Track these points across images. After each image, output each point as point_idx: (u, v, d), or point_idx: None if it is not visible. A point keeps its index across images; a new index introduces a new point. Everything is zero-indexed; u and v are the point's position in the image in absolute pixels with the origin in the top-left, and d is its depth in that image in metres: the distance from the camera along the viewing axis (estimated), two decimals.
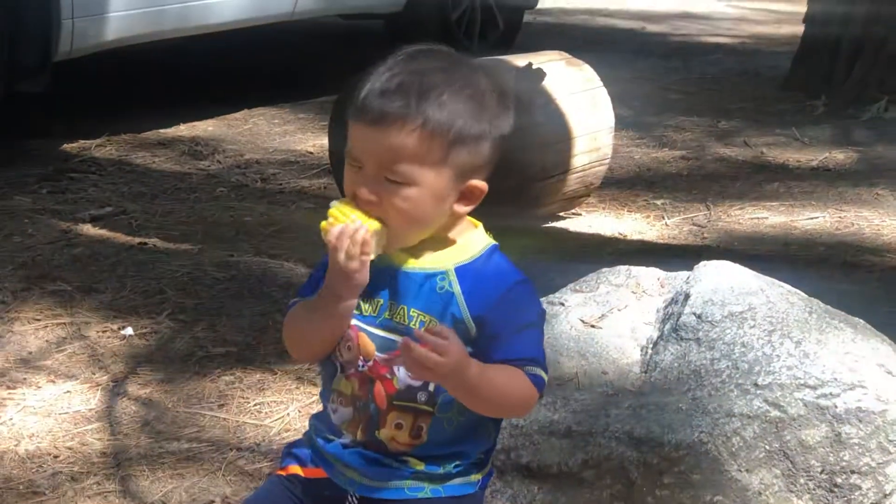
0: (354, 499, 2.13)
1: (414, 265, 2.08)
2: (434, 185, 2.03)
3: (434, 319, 2.06)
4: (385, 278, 2.08)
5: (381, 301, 2.09)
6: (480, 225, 2.15)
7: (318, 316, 2.08)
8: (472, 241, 2.12)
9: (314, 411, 2.25)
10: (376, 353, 2.08)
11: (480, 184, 2.07)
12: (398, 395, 2.08)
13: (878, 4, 6.48)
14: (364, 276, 2.02)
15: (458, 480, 2.15)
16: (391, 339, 2.07)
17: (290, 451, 2.25)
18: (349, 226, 1.99)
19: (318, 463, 2.16)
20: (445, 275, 2.08)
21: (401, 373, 2.09)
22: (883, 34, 6.50)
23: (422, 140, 2.01)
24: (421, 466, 2.13)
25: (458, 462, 2.14)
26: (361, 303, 2.08)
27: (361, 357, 2.08)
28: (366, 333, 2.07)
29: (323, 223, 2.01)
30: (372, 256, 2.00)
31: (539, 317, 2.15)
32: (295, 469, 2.19)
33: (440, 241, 2.10)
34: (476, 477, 2.16)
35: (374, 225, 2.00)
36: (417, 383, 2.09)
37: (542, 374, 2.09)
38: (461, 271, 2.08)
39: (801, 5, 7.36)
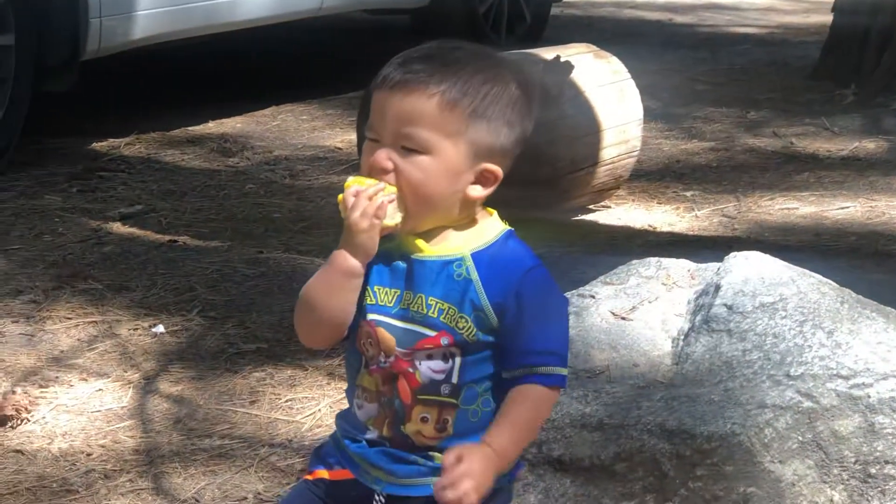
0: (381, 497, 2.13)
1: (430, 252, 2.07)
2: (450, 157, 2.03)
3: (453, 308, 2.04)
4: (400, 267, 2.08)
5: (398, 291, 2.08)
6: (495, 212, 2.13)
7: (323, 289, 2.08)
8: (488, 227, 2.11)
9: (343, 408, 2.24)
10: (396, 347, 2.07)
11: (496, 168, 2.06)
12: (422, 388, 2.07)
13: None
14: (373, 241, 2.01)
15: None
16: (411, 329, 2.07)
17: (317, 454, 2.25)
18: (368, 187, 1.99)
19: (345, 464, 2.16)
20: (462, 261, 2.06)
21: (422, 366, 2.08)
22: None
23: (441, 107, 2.01)
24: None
25: None
26: (378, 292, 2.07)
27: (383, 353, 2.08)
28: (384, 327, 2.07)
29: (340, 195, 1.99)
30: (387, 222, 2.00)
31: (560, 303, 2.15)
32: (321, 473, 2.20)
33: (455, 227, 2.09)
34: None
35: (392, 189, 2.00)
36: (440, 376, 2.08)
37: (560, 370, 2.09)
38: (478, 257, 2.07)
39: None
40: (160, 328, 3.89)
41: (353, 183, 2.00)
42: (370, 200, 1.97)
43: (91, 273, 4.28)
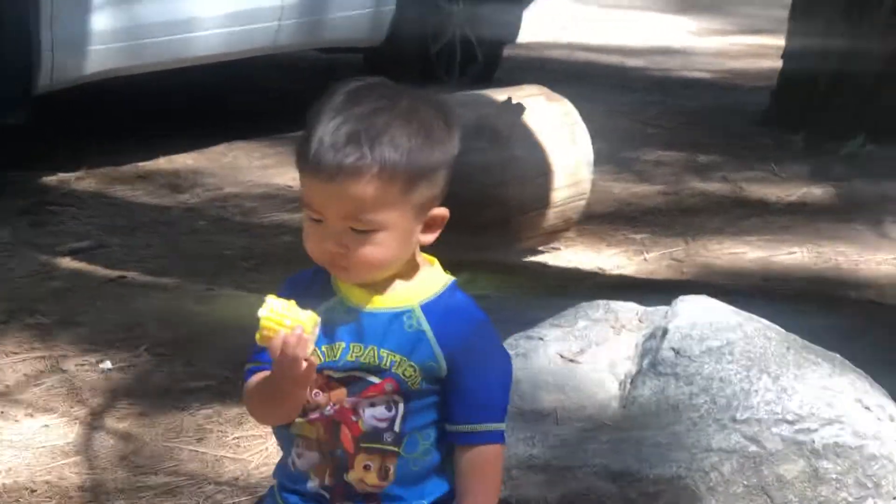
0: None
1: (377, 305, 2.09)
2: (400, 224, 2.04)
3: (405, 359, 2.05)
4: (345, 321, 2.10)
5: (343, 344, 2.08)
6: (436, 262, 2.14)
7: (272, 399, 2.09)
8: (432, 277, 2.13)
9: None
10: (343, 391, 2.08)
11: (441, 211, 2.07)
12: (364, 436, 2.08)
13: (854, 40, 6.55)
14: (311, 372, 2.02)
15: None
16: (358, 377, 2.08)
17: None
18: (287, 337, 1.98)
19: None
20: (412, 313, 2.09)
21: (366, 414, 2.08)
22: (859, 70, 6.58)
23: (381, 185, 2.00)
24: None
25: (424, 503, 2.15)
26: (325, 351, 2.07)
27: (330, 398, 2.08)
28: (334, 380, 2.08)
29: (258, 335, 1.99)
30: (312, 353, 2.00)
31: (505, 359, 2.17)
32: None
33: (401, 276, 2.10)
34: None
35: (313, 319, 2.00)
36: (383, 424, 2.09)
37: (503, 426, 2.10)
38: (427, 308, 2.09)
39: (779, 40, 7.42)
40: (107, 364, 3.86)
41: (269, 322, 2.00)
42: (294, 344, 1.98)
43: (39, 307, 4.26)
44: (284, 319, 1.97)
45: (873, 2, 6.44)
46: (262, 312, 1.97)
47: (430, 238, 2.05)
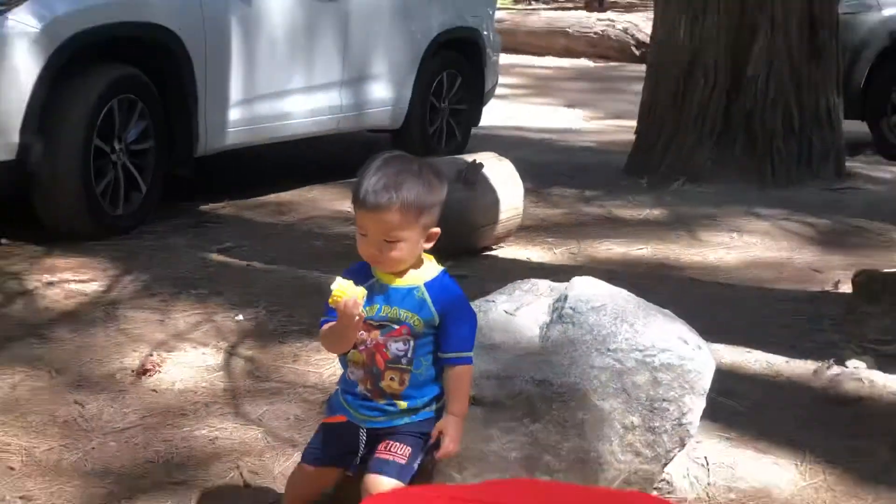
0: (363, 432, 2.26)
1: (399, 283, 2.20)
2: (413, 239, 2.14)
3: (415, 315, 2.19)
4: (381, 292, 2.19)
5: (377, 306, 2.19)
6: (433, 257, 2.26)
7: (337, 337, 2.19)
8: (430, 267, 2.24)
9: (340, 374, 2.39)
10: (378, 334, 2.19)
11: (436, 230, 2.20)
12: (390, 361, 2.19)
13: (677, 125, 6.76)
14: (360, 323, 2.12)
15: (424, 411, 2.26)
16: (387, 325, 2.19)
17: (329, 405, 2.37)
18: (347, 301, 2.08)
19: (342, 411, 2.28)
20: (419, 289, 2.20)
21: (391, 347, 2.19)
22: (680, 142, 6.72)
23: (401, 216, 2.11)
24: (404, 406, 2.23)
25: (424, 400, 2.26)
26: (366, 308, 2.15)
27: (370, 339, 2.20)
28: (372, 326, 2.20)
29: (330, 299, 2.10)
30: (357, 310, 2.08)
31: (472, 314, 2.30)
32: (330, 419, 2.32)
33: (412, 267, 2.20)
34: (433, 408, 2.28)
35: (362, 292, 2.10)
36: (401, 353, 2.19)
37: (470, 354, 2.24)
38: (428, 286, 2.21)
39: (633, 122, 7.43)
40: (240, 316, 4.03)
41: (337, 291, 2.08)
42: (351, 305, 2.08)
43: (199, 283, 4.43)
44: (347, 290, 2.08)
45: (689, 105, 6.75)
46: (333, 286, 2.10)
47: (429, 245, 2.21)
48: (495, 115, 9.27)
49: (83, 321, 3.91)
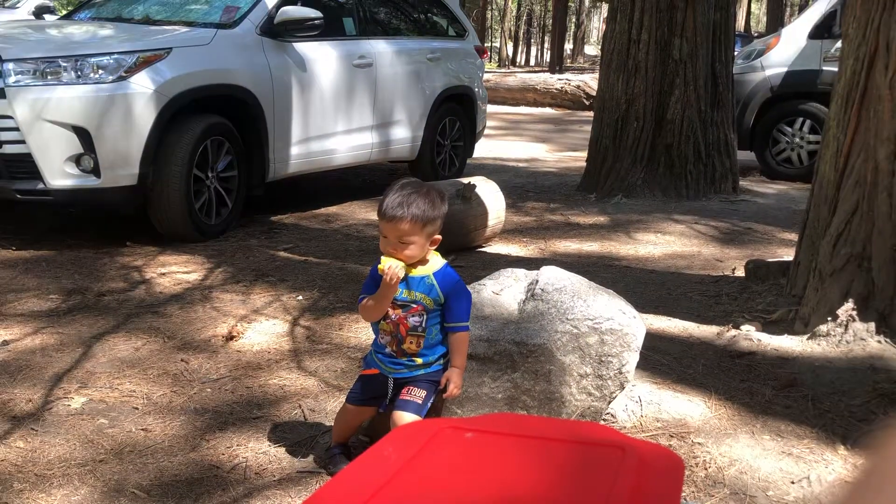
0: (391, 381, 2.21)
1: (415, 273, 2.14)
2: (420, 242, 2.09)
3: (427, 296, 2.13)
4: (404, 280, 2.13)
5: (400, 289, 2.14)
6: (438, 254, 2.20)
7: (375, 304, 2.12)
8: (437, 261, 2.18)
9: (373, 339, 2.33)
10: (401, 311, 2.15)
11: (438, 237, 2.15)
12: (410, 329, 2.15)
13: (616, 156, 6.67)
14: (395, 289, 2.10)
15: (434, 365, 2.21)
16: (407, 304, 2.14)
17: (365, 360, 2.30)
18: (393, 268, 2.06)
19: (375, 366, 2.23)
20: (429, 277, 2.14)
21: (411, 320, 2.13)
22: (619, 168, 6.62)
23: (411, 226, 2.06)
24: (420, 361, 2.18)
25: (434, 357, 2.20)
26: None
27: (395, 313, 2.15)
28: (397, 305, 2.16)
29: (380, 266, 2.08)
30: (401, 275, 2.08)
31: (468, 295, 2.22)
32: (366, 371, 2.26)
33: (424, 262, 2.15)
34: (441, 362, 2.23)
35: (403, 265, 2.09)
36: (418, 323, 2.13)
37: (468, 324, 2.18)
38: (436, 275, 2.15)
39: (584, 153, 7.61)
40: (300, 297, 3.99)
41: (385, 260, 2.06)
42: (395, 272, 2.05)
43: (270, 273, 4.40)
44: (391, 261, 2.08)
45: (625, 140, 6.69)
46: (382, 260, 2.08)
47: (433, 247, 2.16)
48: (484, 149, 9.29)
49: (187, 301, 3.86)
